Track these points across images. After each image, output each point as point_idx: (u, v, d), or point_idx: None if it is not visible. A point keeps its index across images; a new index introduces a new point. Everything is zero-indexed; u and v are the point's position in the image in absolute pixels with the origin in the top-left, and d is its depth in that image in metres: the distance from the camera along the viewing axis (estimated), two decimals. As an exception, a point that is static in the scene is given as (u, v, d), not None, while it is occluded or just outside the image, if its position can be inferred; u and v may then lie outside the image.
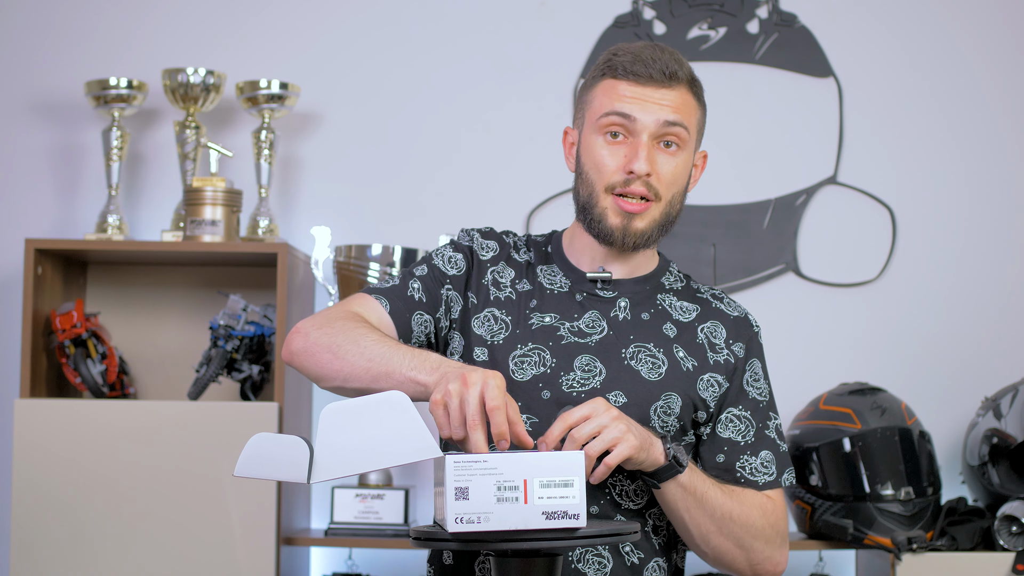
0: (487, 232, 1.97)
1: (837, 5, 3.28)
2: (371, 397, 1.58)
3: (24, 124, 3.28)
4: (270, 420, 2.83)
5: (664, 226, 1.89)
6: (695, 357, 1.89)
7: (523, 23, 3.28)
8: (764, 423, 1.91)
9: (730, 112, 3.26)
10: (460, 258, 1.93)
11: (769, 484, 1.89)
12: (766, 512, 1.86)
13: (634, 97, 1.84)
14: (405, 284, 1.89)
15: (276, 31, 3.30)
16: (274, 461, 1.57)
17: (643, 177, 1.83)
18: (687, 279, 2.00)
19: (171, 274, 3.20)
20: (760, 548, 1.85)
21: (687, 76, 1.88)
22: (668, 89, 1.85)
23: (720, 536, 1.82)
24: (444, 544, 1.59)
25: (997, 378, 3.08)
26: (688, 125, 1.87)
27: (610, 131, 1.86)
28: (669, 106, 1.85)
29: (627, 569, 1.83)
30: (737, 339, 1.93)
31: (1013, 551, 2.75)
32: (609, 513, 1.83)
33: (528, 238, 2.00)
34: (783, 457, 1.90)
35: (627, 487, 1.84)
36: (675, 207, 1.90)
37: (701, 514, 1.80)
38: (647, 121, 1.84)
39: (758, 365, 1.94)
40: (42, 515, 2.80)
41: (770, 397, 1.93)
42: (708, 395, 1.87)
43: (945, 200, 3.23)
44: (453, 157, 3.26)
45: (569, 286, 1.92)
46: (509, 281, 1.92)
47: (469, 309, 1.90)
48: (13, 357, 3.12)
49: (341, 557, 3.13)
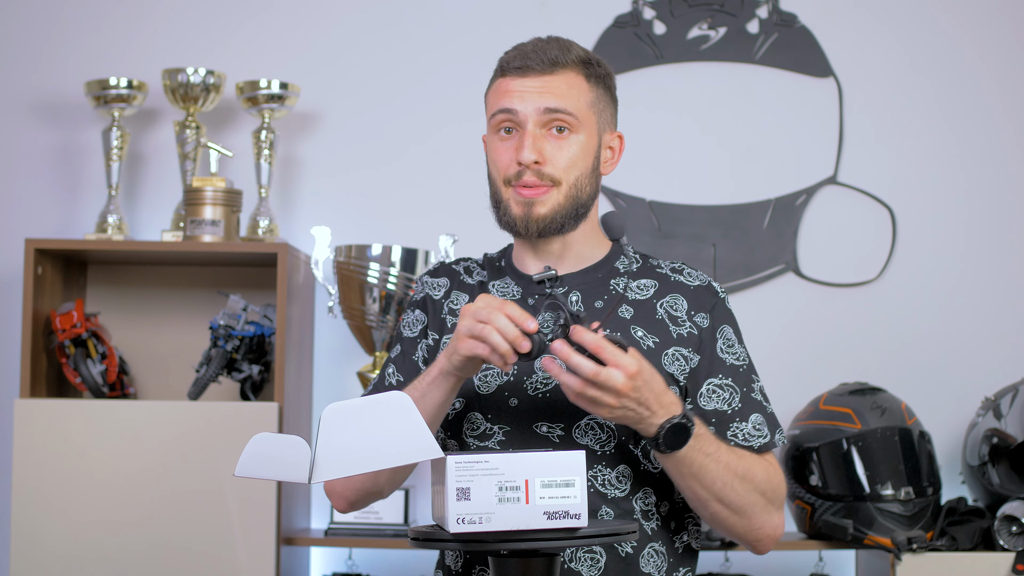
0: (436, 270, 2.03)
1: (837, 5, 3.28)
2: (372, 397, 1.58)
3: (24, 124, 3.28)
4: (270, 420, 2.83)
5: (575, 210, 1.89)
6: (655, 334, 1.88)
7: (523, 23, 3.28)
8: (748, 386, 1.90)
9: (730, 112, 3.26)
10: (418, 314, 1.99)
11: (764, 446, 1.87)
12: (769, 476, 1.85)
13: (516, 90, 1.88)
14: (383, 376, 1.97)
15: (276, 31, 3.30)
16: (274, 461, 1.57)
17: (532, 166, 1.86)
18: (644, 258, 1.99)
19: (171, 274, 3.20)
20: (759, 513, 1.85)
21: (575, 60, 1.89)
22: (550, 76, 1.88)
23: (718, 504, 1.81)
24: (444, 544, 1.59)
25: (997, 378, 3.07)
26: (574, 110, 1.87)
27: (502, 127, 1.89)
28: (550, 93, 1.87)
29: (621, 561, 1.83)
30: (699, 309, 1.91)
31: (1013, 551, 2.75)
32: (595, 504, 1.83)
33: (484, 257, 2.04)
34: (772, 418, 1.90)
35: (608, 476, 1.84)
36: (583, 190, 1.90)
37: (697, 485, 1.79)
38: (527, 111, 1.86)
39: (729, 331, 1.93)
40: (42, 515, 2.80)
41: (749, 360, 1.93)
42: (675, 369, 1.87)
43: (945, 200, 3.24)
44: (453, 157, 3.26)
45: (521, 293, 1.94)
46: (463, 305, 1.93)
47: (432, 346, 1.95)
48: (13, 357, 3.12)
49: (341, 557, 3.13)
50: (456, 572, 1.88)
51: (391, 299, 2.97)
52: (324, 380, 3.22)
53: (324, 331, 3.23)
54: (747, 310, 3.20)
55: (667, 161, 3.27)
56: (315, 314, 3.22)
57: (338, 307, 3.02)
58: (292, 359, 2.96)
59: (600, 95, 1.92)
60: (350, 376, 3.20)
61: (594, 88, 1.91)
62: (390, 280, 2.96)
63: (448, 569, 1.90)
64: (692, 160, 3.25)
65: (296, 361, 3.01)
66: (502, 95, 1.89)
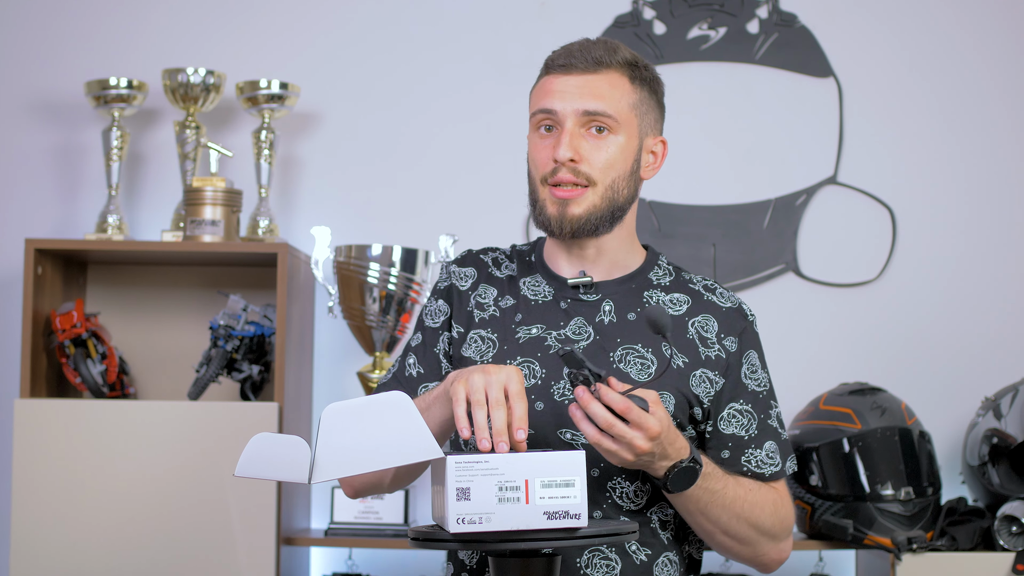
0: (463, 258, 1.99)
1: (837, 5, 3.28)
2: (372, 397, 1.59)
3: (24, 124, 3.28)
4: (270, 420, 2.83)
5: (611, 212, 1.88)
6: (685, 353, 1.87)
7: (523, 23, 3.28)
8: (766, 413, 1.90)
9: (730, 112, 3.26)
10: (441, 304, 1.96)
11: (775, 475, 1.89)
12: (776, 508, 1.87)
13: (558, 90, 1.87)
14: (403, 365, 1.95)
15: (276, 31, 3.30)
16: (274, 461, 1.57)
17: (567, 164, 1.85)
18: (677, 271, 1.98)
19: (171, 274, 3.20)
20: (764, 543, 1.87)
21: (620, 61, 1.89)
22: (593, 75, 1.87)
23: (724, 536, 1.84)
24: (444, 544, 1.59)
25: (997, 378, 3.07)
26: (613, 111, 1.86)
27: (543, 126, 1.89)
28: (591, 93, 1.86)
29: (636, 568, 1.83)
30: (729, 333, 1.91)
31: (1013, 551, 2.75)
32: (612, 516, 1.83)
33: (513, 249, 2.01)
34: (785, 445, 1.91)
35: (627, 489, 1.84)
36: (620, 193, 1.89)
37: (704, 520, 1.81)
38: (566, 110, 1.86)
39: (755, 356, 1.93)
40: (42, 515, 2.80)
41: (770, 386, 1.93)
42: (701, 391, 1.86)
43: (945, 200, 3.23)
44: (453, 157, 3.26)
45: (553, 294, 1.92)
46: (492, 300, 1.93)
47: (456, 339, 1.92)
48: (13, 357, 3.12)
49: (341, 557, 3.13)
50: (470, 568, 1.87)
51: (391, 299, 2.97)
52: (324, 380, 3.22)
53: (324, 331, 3.23)
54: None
55: (667, 161, 3.25)
56: (315, 314, 3.22)
57: (338, 307, 3.02)
58: (292, 359, 2.96)
59: (644, 98, 1.91)
60: (350, 376, 3.20)
61: (638, 90, 1.90)
62: (390, 280, 2.96)
63: (462, 564, 1.89)
64: (692, 160, 3.25)
65: (296, 361, 3.01)
66: (544, 94, 1.89)
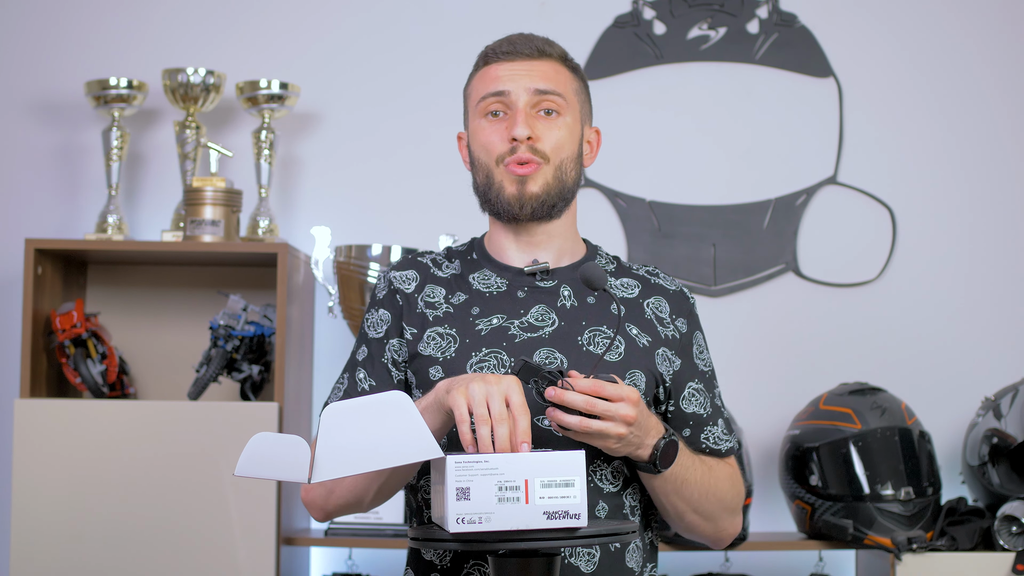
0: (401, 263, 2.00)
1: (837, 5, 3.28)
2: (372, 397, 1.58)
3: (24, 124, 3.28)
4: (270, 420, 2.83)
5: (561, 192, 1.90)
6: (647, 333, 1.91)
7: (523, 23, 3.25)
8: (713, 392, 1.96)
9: (730, 112, 3.26)
10: (383, 313, 1.94)
11: (730, 451, 1.96)
12: (734, 483, 1.94)
13: (505, 74, 1.92)
14: (353, 380, 1.92)
15: (276, 31, 3.30)
16: (274, 461, 1.57)
17: (525, 142, 1.88)
18: (618, 260, 2.02)
19: (171, 274, 3.20)
20: (726, 518, 1.93)
21: (558, 52, 1.95)
22: (538, 61, 1.92)
23: (694, 514, 1.88)
24: (444, 544, 1.59)
25: (997, 378, 3.08)
26: (563, 93, 1.91)
27: (490, 111, 1.93)
28: (539, 75, 1.91)
29: (611, 556, 1.85)
30: (680, 314, 1.95)
31: (1013, 551, 2.75)
32: (592, 500, 1.84)
33: (448, 251, 2.02)
34: (729, 423, 1.98)
35: (605, 471, 1.86)
36: (568, 174, 1.92)
37: (678, 499, 1.85)
38: (519, 91, 1.90)
39: (701, 337, 1.98)
40: (42, 515, 2.80)
41: (712, 366, 1.99)
42: (664, 369, 1.90)
43: (945, 200, 3.24)
44: (453, 157, 3.25)
45: (507, 284, 1.93)
46: (442, 298, 1.93)
47: (410, 341, 1.90)
48: (13, 357, 3.12)
49: (341, 557, 3.13)
50: (442, 568, 1.86)
51: (391, 299, 2.96)
52: (324, 380, 3.21)
53: (324, 331, 3.23)
54: (747, 310, 3.20)
55: (667, 161, 3.27)
56: (315, 314, 3.22)
57: (338, 307, 3.02)
58: (292, 359, 2.96)
59: (580, 88, 1.97)
60: (350, 376, 3.20)
61: (576, 80, 1.96)
62: (390, 280, 2.96)
63: (430, 564, 1.87)
64: (692, 160, 3.25)
65: (296, 361, 3.01)
66: (491, 80, 1.93)
